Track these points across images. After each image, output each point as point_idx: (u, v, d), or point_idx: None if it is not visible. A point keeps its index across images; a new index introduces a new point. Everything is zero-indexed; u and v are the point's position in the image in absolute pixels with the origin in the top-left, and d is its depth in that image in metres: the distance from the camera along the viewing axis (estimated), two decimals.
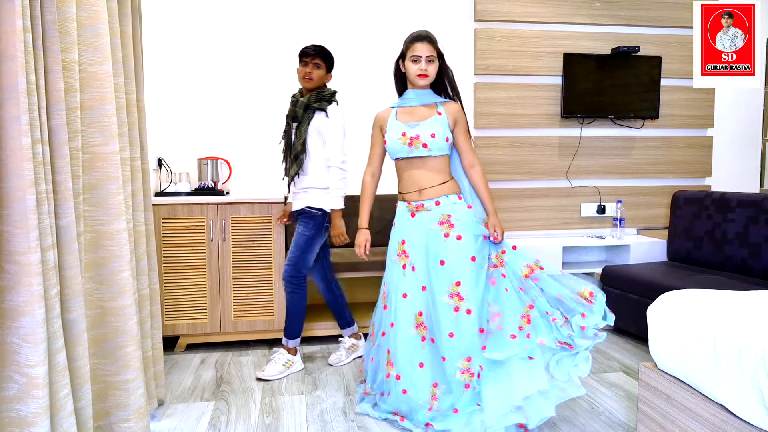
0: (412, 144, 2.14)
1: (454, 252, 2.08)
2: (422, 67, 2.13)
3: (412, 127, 2.15)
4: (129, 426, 1.85)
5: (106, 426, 1.85)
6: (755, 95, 4.13)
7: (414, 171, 2.18)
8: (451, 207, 2.16)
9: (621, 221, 3.77)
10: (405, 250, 2.18)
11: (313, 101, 2.66)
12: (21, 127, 1.32)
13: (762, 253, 3.00)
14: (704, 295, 1.81)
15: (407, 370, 2.10)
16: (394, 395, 2.14)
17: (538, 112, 3.77)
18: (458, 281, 2.05)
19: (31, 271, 1.34)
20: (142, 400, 1.90)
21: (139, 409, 1.87)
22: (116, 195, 1.79)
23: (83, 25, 1.69)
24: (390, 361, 2.16)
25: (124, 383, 1.85)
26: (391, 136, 2.19)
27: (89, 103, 1.73)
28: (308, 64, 2.65)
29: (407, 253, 2.17)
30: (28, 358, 1.35)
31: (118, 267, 1.81)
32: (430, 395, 2.07)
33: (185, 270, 3.02)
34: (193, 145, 3.46)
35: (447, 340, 2.04)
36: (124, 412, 1.85)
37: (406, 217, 2.21)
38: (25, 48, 1.34)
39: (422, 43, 2.12)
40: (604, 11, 3.78)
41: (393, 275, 2.20)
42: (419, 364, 2.10)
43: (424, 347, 2.11)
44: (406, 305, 2.13)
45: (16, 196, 1.33)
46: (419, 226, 2.16)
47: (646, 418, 1.88)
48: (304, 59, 2.66)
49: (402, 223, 2.23)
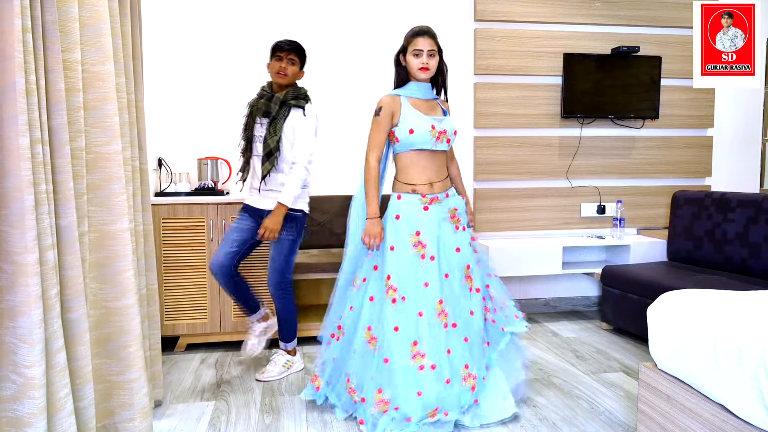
0: (439, 138, 2.22)
1: (464, 240, 2.27)
2: (424, 60, 2.18)
3: (440, 122, 2.23)
4: (134, 425, 1.85)
5: (111, 425, 1.86)
6: (755, 95, 4.13)
7: (428, 164, 2.25)
8: (454, 200, 2.32)
9: (621, 221, 3.77)
10: (421, 241, 2.18)
11: (290, 98, 2.56)
12: (18, 127, 1.32)
13: (762, 253, 3.00)
14: (704, 295, 1.81)
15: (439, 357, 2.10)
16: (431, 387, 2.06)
17: (538, 112, 3.77)
18: (468, 265, 2.25)
19: (28, 272, 1.34)
20: (146, 399, 1.90)
21: (143, 409, 1.88)
22: (119, 195, 1.80)
23: (85, 24, 1.69)
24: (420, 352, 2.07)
25: (128, 383, 1.85)
26: (419, 125, 2.19)
27: (92, 103, 1.73)
28: (283, 59, 2.57)
29: (423, 243, 2.18)
30: (25, 358, 1.35)
31: (121, 267, 1.82)
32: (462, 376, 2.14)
33: (185, 270, 3.02)
34: (193, 145, 3.46)
35: (469, 319, 2.20)
36: (129, 412, 1.85)
37: (418, 209, 2.21)
38: (25, 48, 1.34)
39: (424, 38, 2.18)
40: (604, 11, 3.78)
41: (408, 266, 2.15)
42: (447, 351, 2.13)
43: (447, 333, 2.14)
44: (429, 294, 2.14)
45: (13, 196, 1.33)
46: (432, 218, 2.21)
47: (646, 418, 1.88)
48: (278, 54, 2.58)
49: (414, 216, 2.21)
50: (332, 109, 3.57)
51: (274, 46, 2.60)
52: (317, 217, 3.52)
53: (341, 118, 3.62)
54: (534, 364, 2.86)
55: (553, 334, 3.39)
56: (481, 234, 3.79)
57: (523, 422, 2.20)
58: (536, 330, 3.49)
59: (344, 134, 3.62)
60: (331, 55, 3.59)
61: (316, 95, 3.55)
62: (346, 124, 3.62)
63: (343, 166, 3.64)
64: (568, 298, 3.98)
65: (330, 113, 3.56)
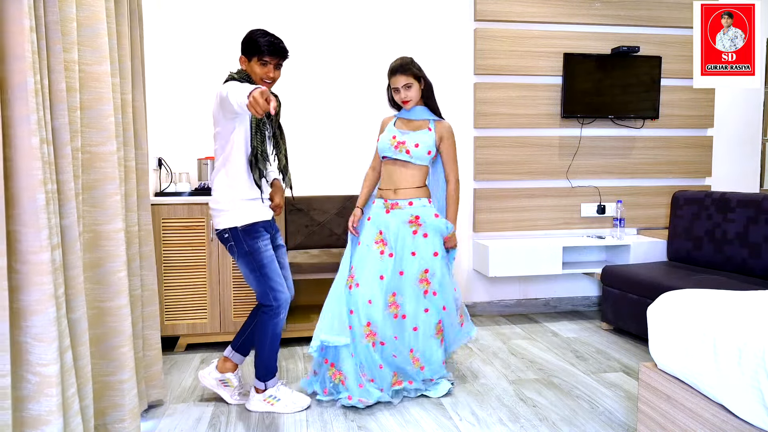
0: (397, 147, 2.46)
1: (421, 247, 2.46)
2: (402, 96, 2.45)
3: (403, 134, 2.49)
4: (124, 426, 1.85)
5: (101, 426, 1.86)
6: (755, 95, 4.13)
7: (395, 172, 2.50)
8: (420, 209, 2.49)
9: (621, 221, 3.78)
10: (383, 239, 2.48)
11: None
12: (30, 127, 1.32)
13: (762, 253, 3.01)
14: (704, 295, 1.81)
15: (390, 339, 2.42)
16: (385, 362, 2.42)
17: (538, 112, 3.77)
18: (426, 269, 2.45)
19: (42, 270, 1.34)
20: (136, 400, 1.91)
21: (133, 410, 1.88)
22: (114, 195, 1.80)
23: (83, 25, 1.69)
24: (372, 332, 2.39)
25: (119, 383, 1.85)
26: (383, 136, 2.53)
27: (88, 103, 1.73)
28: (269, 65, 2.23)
29: (385, 242, 2.47)
30: (41, 357, 1.36)
31: (114, 267, 1.82)
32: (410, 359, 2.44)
33: (185, 270, 3.02)
34: (193, 145, 3.46)
35: (421, 315, 2.45)
36: (120, 412, 1.85)
37: (381, 212, 2.52)
38: (31, 48, 1.34)
39: (396, 77, 2.42)
40: (604, 11, 3.78)
41: (368, 259, 2.45)
42: (394, 337, 2.41)
43: (396, 321, 2.44)
44: (383, 286, 2.41)
45: (26, 196, 1.33)
46: (393, 221, 2.48)
47: (646, 418, 1.88)
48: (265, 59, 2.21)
49: (378, 217, 2.52)
50: (332, 109, 3.58)
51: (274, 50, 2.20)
52: (317, 217, 3.52)
53: (341, 119, 3.62)
54: (534, 364, 2.86)
55: (553, 334, 3.39)
56: (481, 234, 3.80)
57: (523, 422, 2.21)
58: (536, 330, 3.49)
59: (344, 135, 3.62)
60: (331, 56, 3.59)
61: (317, 95, 3.57)
62: (346, 125, 3.62)
63: (343, 167, 3.64)
64: (568, 298, 3.98)
65: (330, 113, 3.56)
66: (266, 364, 2.31)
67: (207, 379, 2.41)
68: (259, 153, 2.18)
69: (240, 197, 2.20)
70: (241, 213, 2.19)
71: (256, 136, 2.19)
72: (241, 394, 2.44)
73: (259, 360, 2.31)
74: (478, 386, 2.58)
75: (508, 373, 2.75)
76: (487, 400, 2.43)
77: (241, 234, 2.19)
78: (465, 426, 2.19)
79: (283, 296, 2.25)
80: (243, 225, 2.19)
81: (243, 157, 2.19)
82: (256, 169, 2.17)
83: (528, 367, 2.83)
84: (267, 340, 2.27)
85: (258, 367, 2.32)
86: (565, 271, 3.61)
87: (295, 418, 2.26)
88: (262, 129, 2.21)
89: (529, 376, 2.70)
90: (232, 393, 2.42)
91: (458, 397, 2.46)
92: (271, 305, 2.24)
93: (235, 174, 2.19)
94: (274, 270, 2.25)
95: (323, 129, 3.55)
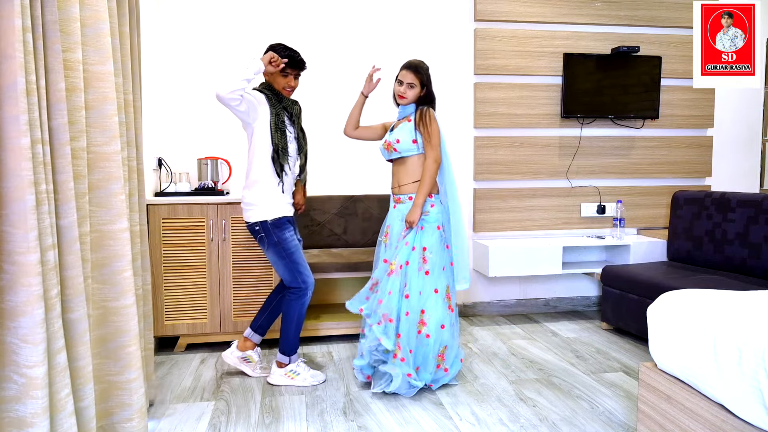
0: (387, 149, 2.60)
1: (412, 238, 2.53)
2: (401, 89, 2.53)
3: (389, 135, 2.61)
4: (132, 425, 1.85)
5: (109, 426, 1.86)
6: (755, 95, 4.13)
7: (397, 170, 2.63)
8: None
9: (621, 221, 3.77)
10: (387, 233, 2.67)
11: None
12: (20, 127, 1.31)
13: (762, 253, 3.00)
14: (704, 295, 1.81)
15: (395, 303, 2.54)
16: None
17: (538, 112, 3.77)
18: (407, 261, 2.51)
19: (29, 272, 1.34)
20: (143, 399, 1.90)
21: (140, 409, 1.88)
22: (119, 195, 1.79)
23: (85, 24, 1.69)
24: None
25: (126, 383, 1.85)
26: (380, 143, 2.68)
27: (92, 103, 1.73)
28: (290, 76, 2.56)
29: (388, 236, 2.66)
30: (27, 358, 1.35)
31: (120, 267, 1.82)
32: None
33: (185, 270, 3.02)
34: (193, 145, 3.46)
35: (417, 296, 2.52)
36: (127, 412, 1.85)
37: (391, 207, 2.69)
38: (25, 48, 1.33)
39: (406, 71, 2.52)
40: (604, 11, 3.78)
41: (380, 250, 2.70)
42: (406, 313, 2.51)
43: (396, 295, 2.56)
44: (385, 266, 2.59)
45: (15, 196, 1.33)
46: (397, 215, 2.62)
47: (646, 418, 1.88)
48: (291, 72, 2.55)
49: (389, 212, 2.70)
50: (332, 109, 3.57)
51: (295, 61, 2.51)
52: (317, 217, 3.52)
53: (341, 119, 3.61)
54: (534, 364, 2.86)
55: (553, 334, 3.39)
56: (481, 234, 3.80)
57: (523, 422, 2.21)
58: (536, 330, 3.49)
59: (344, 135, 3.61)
60: (332, 56, 3.59)
61: (317, 95, 3.56)
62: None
63: (343, 167, 3.64)
64: (568, 298, 3.98)
65: (329, 114, 3.56)
66: (291, 340, 2.59)
67: (230, 357, 2.68)
68: (280, 149, 2.48)
69: (269, 194, 2.51)
70: (271, 208, 2.51)
71: (276, 134, 2.48)
72: (262, 368, 2.73)
73: (285, 336, 2.59)
74: (478, 386, 2.58)
75: (508, 373, 2.75)
76: (487, 400, 2.43)
77: (271, 226, 2.50)
78: (465, 426, 2.19)
79: (309, 279, 2.57)
80: (272, 219, 2.50)
81: (267, 155, 2.49)
82: (277, 163, 2.48)
83: (528, 367, 2.83)
84: (294, 319, 2.57)
85: (283, 343, 2.60)
86: (565, 271, 3.61)
87: (295, 418, 2.26)
88: (281, 127, 2.50)
89: (529, 376, 2.70)
90: (254, 368, 2.71)
91: (458, 397, 2.46)
92: (300, 287, 2.55)
93: (261, 172, 2.50)
94: (300, 256, 2.57)
95: (323, 129, 3.55)
